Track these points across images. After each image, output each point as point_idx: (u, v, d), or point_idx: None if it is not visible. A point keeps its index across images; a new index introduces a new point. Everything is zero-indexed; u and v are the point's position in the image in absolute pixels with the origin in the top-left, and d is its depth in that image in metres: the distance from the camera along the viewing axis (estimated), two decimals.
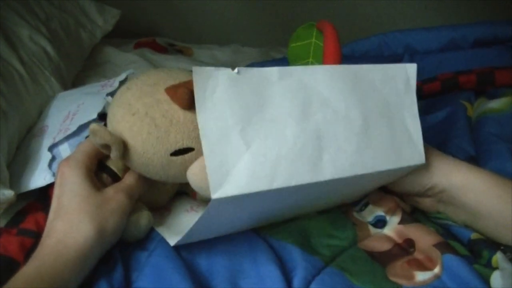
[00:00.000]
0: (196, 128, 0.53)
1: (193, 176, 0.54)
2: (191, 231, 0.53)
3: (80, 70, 1.08)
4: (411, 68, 0.62)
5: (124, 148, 0.55)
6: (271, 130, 0.50)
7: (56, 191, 0.55)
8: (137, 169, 0.57)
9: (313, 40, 0.72)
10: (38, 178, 0.67)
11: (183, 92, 0.53)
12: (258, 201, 0.50)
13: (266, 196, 0.49)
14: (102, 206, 0.54)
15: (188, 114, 0.54)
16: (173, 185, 0.65)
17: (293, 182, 0.50)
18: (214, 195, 0.46)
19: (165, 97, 0.54)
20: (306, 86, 0.53)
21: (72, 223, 0.52)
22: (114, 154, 0.54)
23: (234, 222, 0.57)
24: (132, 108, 0.54)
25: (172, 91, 0.54)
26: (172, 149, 0.54)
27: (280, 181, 0.49)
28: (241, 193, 0.47)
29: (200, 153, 0.54)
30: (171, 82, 0.56)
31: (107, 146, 0.54)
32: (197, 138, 0.54)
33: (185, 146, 0.54)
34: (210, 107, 0.48)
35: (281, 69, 0.52)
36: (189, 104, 0.53)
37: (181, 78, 0.56)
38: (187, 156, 0.55)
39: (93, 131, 0.53)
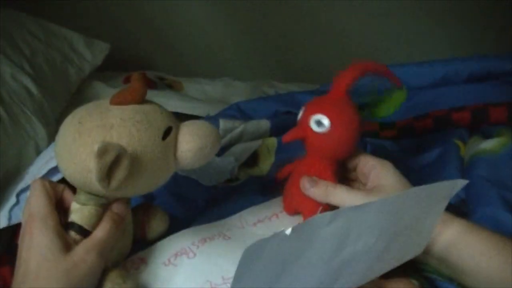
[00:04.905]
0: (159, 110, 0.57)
1: (187, 146, 0.56)
2: None
3: (66, 106, 1.06)
4: (458, 185, 0.54)
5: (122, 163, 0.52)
6: (298, 277, 0.46)
7: (23, 254, 0.52)
8: (139, 181, 0.54)
9: None
10: None
11: (132, 89, 0.55)
12: None
13: None
14: (73, 271, 0.51)
15: (148, 105, 0.57)
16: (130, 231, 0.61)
17: None
18: None
19: (117, 110, 0.54)
20: (350, 225, 0.48)
21: None
22: (123, 171, 0.51)
23: None
24: (106, 124, 0.52)
25: (121, 95, 0.55)
26: (162, 133, 0.55)
27: None
28: None
29: (177, 129, 0.57)
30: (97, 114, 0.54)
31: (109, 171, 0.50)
32: (170, 117, 0.57)
33: (168, 126, 0.56)
34: (245, 282, 0.42)
35: (334, 214, 0.45)
36: (144, 95, 0.56)
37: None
38: (172, 134, 0.56)
39: (103, 149, 0.49)
